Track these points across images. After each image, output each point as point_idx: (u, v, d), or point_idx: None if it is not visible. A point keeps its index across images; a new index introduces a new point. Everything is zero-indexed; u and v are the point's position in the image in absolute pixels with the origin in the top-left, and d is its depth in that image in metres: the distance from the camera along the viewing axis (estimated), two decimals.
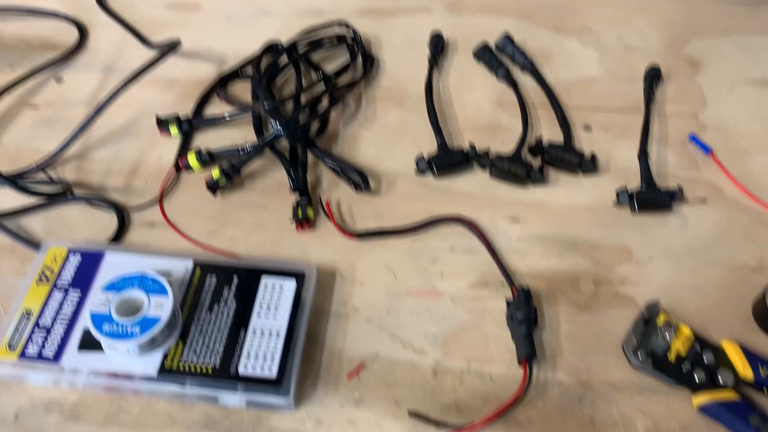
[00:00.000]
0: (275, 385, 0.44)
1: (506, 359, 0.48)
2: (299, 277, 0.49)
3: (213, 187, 0.56)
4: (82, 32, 0.71)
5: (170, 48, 0.63)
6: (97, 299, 0.45)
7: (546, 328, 0.49)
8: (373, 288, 0.52)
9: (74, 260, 0.50)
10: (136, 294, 0.45)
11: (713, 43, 0.71)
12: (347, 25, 0.69)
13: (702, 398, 0.44)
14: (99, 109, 0.58)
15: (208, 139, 0.62)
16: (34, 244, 0.53)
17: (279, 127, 0.55)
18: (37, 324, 0.47)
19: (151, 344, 0.45)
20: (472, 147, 0.58)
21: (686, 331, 0.47)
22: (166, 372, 0.44)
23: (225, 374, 0.44)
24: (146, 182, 0.58)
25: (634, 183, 0.58)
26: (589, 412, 0.45)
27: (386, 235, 0.54)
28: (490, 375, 0.47)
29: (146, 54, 0.68)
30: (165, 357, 0.45)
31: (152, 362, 0.45)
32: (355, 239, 0.54)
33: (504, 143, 0.61)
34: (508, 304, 0.50)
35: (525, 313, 0.48)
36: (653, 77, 0.65)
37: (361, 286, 0.52)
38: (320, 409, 0.45)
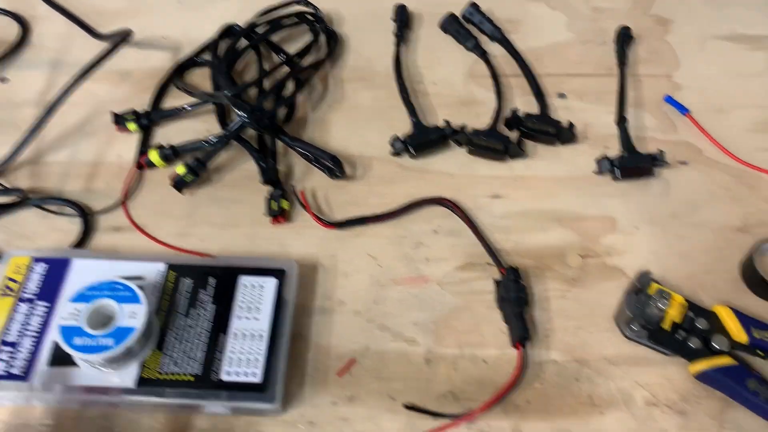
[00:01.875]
0: (261, 390, 0.42)
1: (499, 341, 0.46)
2: (279, 275, 0.47)
3: (179, 184, 0.53)
4: (24, 27, 0.66)
5: (122, 39, 0.59)
6: (66, 311, 0.42)
7: (536, 306, 0.48)
8: (357, 279, 0.50)
9: (39, 269, 0.47)
10: (108, 303, 0.43)
11: None
12: (307, 2, 0.65)
13: (698, 366, 0.44)
14: (50, 110, 0.54)
15: (169, 133, 0.58)
16: None
17: (244, 116, 0.52)
18: (2, 341, 0.44)
19: (127, 355, 0.42)
20: (448, 123, 0.56)
21: (679, 298, 0.46)
22: (144, 383, 0.42)
23: (207, 382, 0.42)
24: (107, 184, 0.55)
25: (613, 149, 0.56)
26: (587, 389, 0.45)
27: (366, 223, 0.52)
28: (484, 359, 0.46)
29: (96, 46, 0.64)
30: (143, 368, 0.42)
31: (129, 374, 0.42)
32: (334, 229, 0.52)
33: (479, 117, 0.59)
34: (497, 284, 0.48)
35: (515, 294, 0.46)
36: (624, 38, 0.63)
37: (344, 277, 0.50)
38: (312, 409, 0.44)
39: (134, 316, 0.42)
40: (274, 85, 0.56)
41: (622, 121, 0.57)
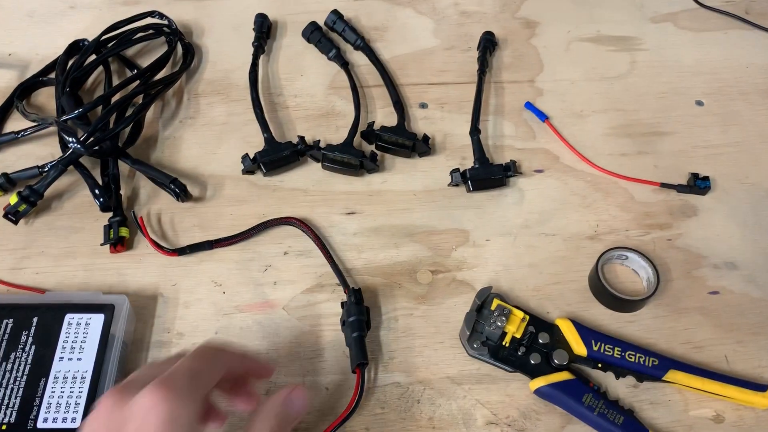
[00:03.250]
0: None
1: (342, 366, 0.45)
2: (107, 310, 0.44)
3: (13, 215, 0.50)
4: None
5: None
6: None
7: (383, 326, 0.47)
8: (199, 308, 0.48)
9: None
10: None
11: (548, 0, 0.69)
12: (161, 15, 0.63)
13: (537, 383, 0.44)
14: None
15: (9, 159, 0.55)
16: None
17: (76, 143, 0.49)
18: None
19: None
20: (301, 138, 0.54)
21: (519, 314, 0.46)
22: None
23: (23, 430, 0.40)
24: None
25: (471, 160, 0.56)
26: (428, 411, 0.44)
27: (209, 248, 0.50)
28: (326, 386, 0.45)
29: None
30: None
31: None
32: (176, 256, 0.50)
33: (338, 130, 0.58)
34: (342, 306, 0.47)
35: (356, 317, 0.45)
36: (487, 44, 0.62)
37: (185, 307, 0.48)
38: None
39: None
40: (115, 105, 0.53)
41: (475, 132, 0.56)
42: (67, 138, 0.50)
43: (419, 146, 0.55)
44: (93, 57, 0.59)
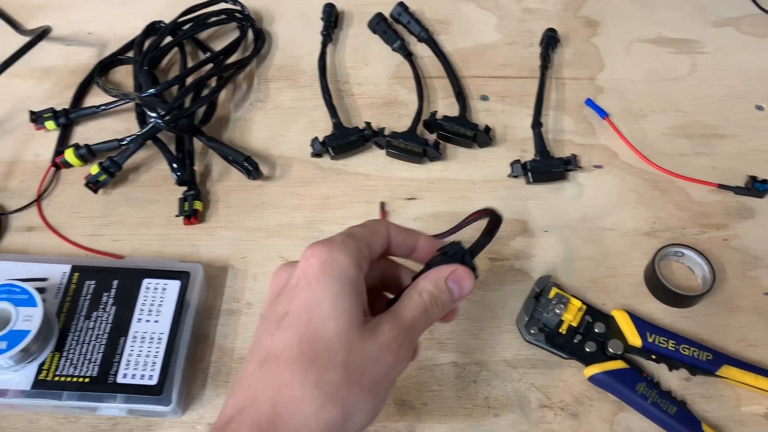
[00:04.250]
0: (156, 392, 0.42)
1: None
2: (184, 277, 0.47)
3: (93, 184, 0.52)
4: None
5: (40, 36, 0.58)
6: None
7: None
8: (267, 280, 0.49)
9: None
10: (3, 306, 0.43)
11: (610, 1, 0.70)
12: (235, 0, 0.65)
13: (592, 370, 0.45)
14: None
15: (89, 132, 0.58)
16: None
17: (156, 117, 0.52)
18: None
19: (25, 357, 0.42)
20: (368, 125, 0.56)
21: (577, 303, 0.47)
22: (41, 385, 0.42)
23: (103, 384, 0.42)
24: (23, 182, 0.55)
25: (531, 152, 0.57)
26: (484, 391, 0.45)
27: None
28: None
29: (20, 42, 0.63)
30: (40, 370, 0.43)
31: (26, 375, 0.42)
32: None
33: (401, 118, 0.59)
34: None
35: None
36: (549, 41, 0.64)
37: (254, 279, 0.50)
38: (212, 411, 0.44)
39: (29, 319, 0.42)
40: (192, 84, 0.55)
41: (536, 125, 0.57)
42: (149, 113, 0.52)
43: (480, 137, 0.57)
44: (169, 38, 0.62)
